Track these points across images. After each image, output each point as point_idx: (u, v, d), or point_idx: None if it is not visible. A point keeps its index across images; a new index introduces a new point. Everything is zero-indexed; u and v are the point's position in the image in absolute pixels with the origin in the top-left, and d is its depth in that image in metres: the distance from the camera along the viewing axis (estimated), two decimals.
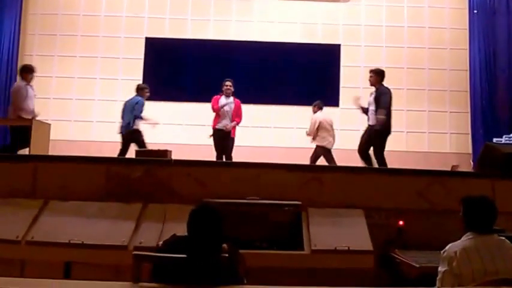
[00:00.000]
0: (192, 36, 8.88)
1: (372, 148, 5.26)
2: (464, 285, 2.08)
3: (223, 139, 6.10)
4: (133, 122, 6.02)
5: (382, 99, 5.22)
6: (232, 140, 6.16)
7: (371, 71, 5.53)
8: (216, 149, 6.10)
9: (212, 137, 6.17)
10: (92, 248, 3.07)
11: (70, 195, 3.48)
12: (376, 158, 5.16)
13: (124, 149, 6.03)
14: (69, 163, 3.86)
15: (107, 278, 2.49)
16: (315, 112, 6.94)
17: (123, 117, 6.20)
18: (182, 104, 8.51)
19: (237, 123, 6.23)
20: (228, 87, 6.19)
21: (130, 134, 6.03)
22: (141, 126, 6.19)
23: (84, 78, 8.72)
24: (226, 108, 6.12)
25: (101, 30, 8.91)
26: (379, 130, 5.15)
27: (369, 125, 5.37)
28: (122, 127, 6.17)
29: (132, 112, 6.06)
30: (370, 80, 5.45)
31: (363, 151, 5.29)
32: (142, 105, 6.11)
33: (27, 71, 5.62)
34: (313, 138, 6.73)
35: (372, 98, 5.38)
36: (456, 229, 2.35)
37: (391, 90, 5.48)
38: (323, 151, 6.65)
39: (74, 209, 3.37)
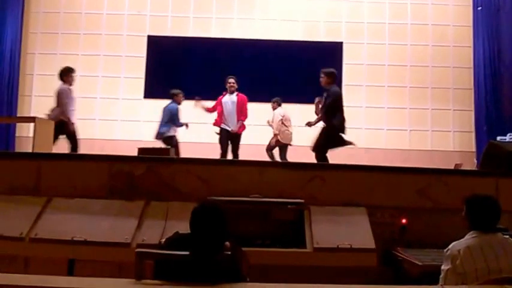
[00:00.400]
0: (194, 34, 8.89)
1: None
2: (468, 283, 2.08)
3: (229, 138, 6.11)
4: (170, 129, 6.36)
5: (326, 103, 5.17)
6: (239, 137, 6.18)
7: (322, 72, 5.33)
8: (222, 148, 6.12)
9: (218, 135, 6.22)
10: (95, 245, 3.08)
11: (73, 192, 3.49)
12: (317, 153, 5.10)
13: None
14: (72, 161, 3.89)
15: (110, 275, 2.50)
16: (274, 109, 7.13)
17: (160, 122, 6.45)
18: (184, 102, 8.52)
19: (243, 122, 6.23)
20: (231, 84, 6.22)
21: (165, 140, 6.29)
22: (177, 131, 6.48)
23: (86, 76, 8.72)
24: (228, 108, 6.14)
25: (103, 28, 8.92)
26: (326, 128, 5.19)
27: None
28: (157, 133, 6.40)
29: (168, 120, 6.36)
30: (321, 81, 5.30)
31: (316, 151, 5.18)
32: (178, 112, 6.43)
33: (66, 73, 5.68)
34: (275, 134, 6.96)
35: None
36: (459, 227, 2.35)
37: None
38: (279, 144, 6.89)
39: (77, 207, 3.38)
